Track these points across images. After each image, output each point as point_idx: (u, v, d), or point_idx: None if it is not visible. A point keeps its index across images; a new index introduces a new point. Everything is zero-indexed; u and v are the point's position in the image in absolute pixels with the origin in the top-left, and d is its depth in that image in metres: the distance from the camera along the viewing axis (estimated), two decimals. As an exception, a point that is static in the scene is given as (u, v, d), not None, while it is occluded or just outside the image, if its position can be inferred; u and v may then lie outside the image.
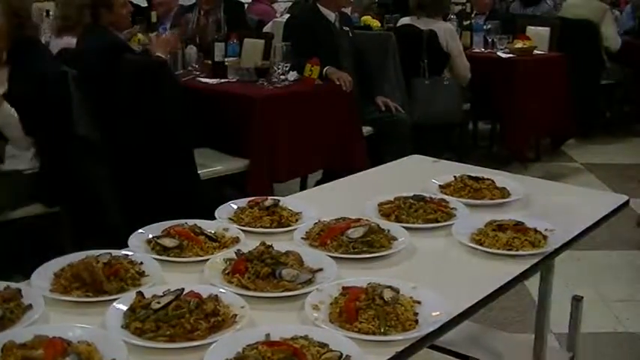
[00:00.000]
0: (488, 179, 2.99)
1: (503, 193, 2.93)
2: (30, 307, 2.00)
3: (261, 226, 2.60)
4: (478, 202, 2.85)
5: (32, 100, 4.36)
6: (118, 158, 4.73)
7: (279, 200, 2.76)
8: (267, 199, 2.75)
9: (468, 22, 8.33)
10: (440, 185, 2.98)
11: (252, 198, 2.79)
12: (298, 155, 5.57)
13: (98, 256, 2.22)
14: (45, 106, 4.38)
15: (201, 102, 5.54)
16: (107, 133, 4.66)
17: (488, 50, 7.78)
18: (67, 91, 4.51)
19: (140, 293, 2.01)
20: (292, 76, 5.80)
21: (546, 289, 3.13)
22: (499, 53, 7.54)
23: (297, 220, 2.66)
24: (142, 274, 2.21)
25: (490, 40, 7.82)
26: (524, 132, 7.46)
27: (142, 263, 2.26)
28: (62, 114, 4.47)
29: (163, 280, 2.19)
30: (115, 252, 2.29)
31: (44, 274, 2.19)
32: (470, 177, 3.00)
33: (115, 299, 2.03)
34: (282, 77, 5.71)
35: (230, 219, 2.67)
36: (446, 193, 2.90)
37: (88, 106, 4.57)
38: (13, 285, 2.08)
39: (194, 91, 5.69)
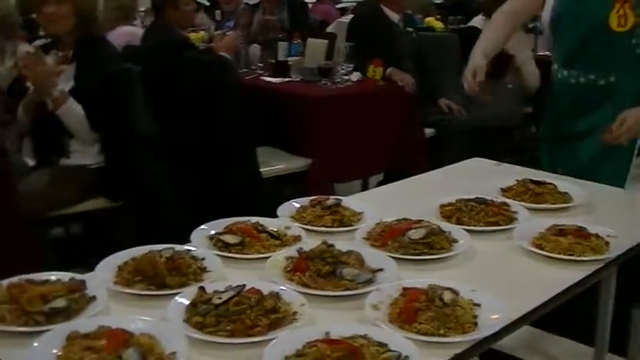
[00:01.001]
0: (550, 184, 2.97)
1: (565, 197, 2.91)
2: (94, 298, 2.03)
3: (323, 225, 2.61)
4: (539, 206, 2.84)
5: (97, 97, 4.41)
6: (180, 155, 4.77)
7: (341, 200, 2.77)
8: (329, 198, 2.76)
9: (533, 24, 8.25)
10: (501, 188, 2.97)
11: (315, 197, 2.80)
12: (359, 156, 5.57)
13: (161, 250, 2.25)
14: (109, 103, 4.43)
15: (263, 101, 5.56)
16: (169, 130, 4.70)
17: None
18: (131, 88, 4.56)
19: (202, 288, 2.03)
20: (355, 76, 5.80)
21: (607, 297, 3.11)
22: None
23: (358, 220, 2.67)
24: (203, 269, 2.23)
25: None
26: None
27: (203, 259, 2.28)
28: (126, 111, 4.52)
29: (224, 276, 2.21)
30: (177, 247, 2.31)
31: (108, 267, 2.23)
32: (532, 181, 2.99)
33: (176, 293, 2.06)
34: (345, 78, 5.72)
35: (292, 217, 2.68)
36: (507, 197, 2.89)
37: (151, 103, 4.61)
38: (78, 276, 2.12)
39: (257, 90, 5.71)
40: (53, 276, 2.12)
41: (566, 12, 3.42)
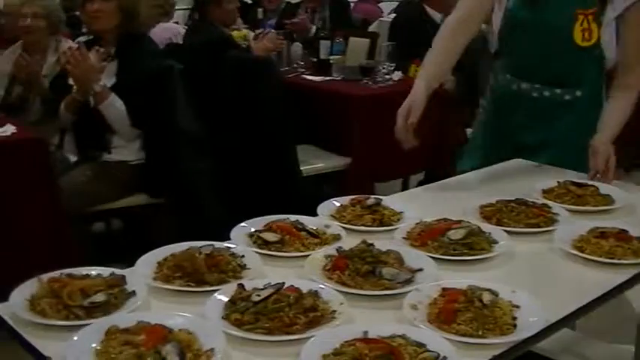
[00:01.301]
0: (591, 186, 2.95)
1: (607, 200, 2.89)
2: (133, 293, 2.04)
3: (363, 225, 2.61)
4: (580, 208, 2.82)
5: (138, 94, 4.45)
6: (221, 153, 4.78)
7: (381, 199, 2.77)
8: (369, 197, 2.76)
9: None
10: (542, 190, 2.95)
11: (355, 196, 2.80)
12: (399, 155, 5.54)
13: (201, 247, 2.26)
14: (151, 100, 4.47)
15: (304, 99, 5.57)
16: (211, 127, 4.72)
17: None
18: (173, 85, 4.59)
19: (241, 285, 2.03)
20: (397, 76, 5.80)
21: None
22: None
23: (398, 220, 2.66)
24: (243, 266, 2.24)
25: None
26: (626, 138, 7.29)
27: (243, 256, 2.29)
28: (167, 108, 4.55)
29: (263, 274, 2.21)
30: (217, 244, 2.32)
31: (148, 263, 2.24)
32: (573, 183, 2.97)
33: (214, 290, 2.06)
34: (387, 77, 5.72)
35: (332, 216, 2.68)
36: (548, 198, 2.87)
37: (193, 100, 4.64)
38: (118, 272, 2.13)
39: (298, 88, 5.72)
40: (94, 271, 2.14)
41: (525, 23, 3.20)
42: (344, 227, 2.56)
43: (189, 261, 2.16)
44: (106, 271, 2.14)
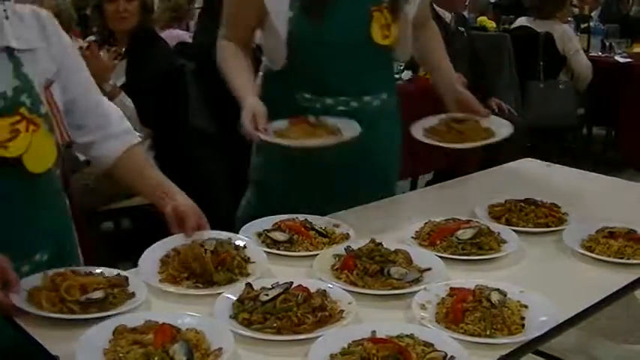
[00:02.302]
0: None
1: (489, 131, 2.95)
2: (133, 294, 2.05)
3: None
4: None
5: (149, 93, 4.45)
6: (232, 152, 4.78)
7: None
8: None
9: (586, 24, 8.20)
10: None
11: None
12: (410, 155, 5.54)
13: (203, 242, 2.27)
14: (161, 99, 4.47)
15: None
16: (222, 126, 4.72)
17: (606, 54, 7.64)
18: (184, 84, 4.59)
19: (249, 285, 2.04)
20: (406, 75, 5.79)
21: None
22: (617, 57, 7.40)
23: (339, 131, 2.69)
24: (247, 260, 2.25)
25: (608, 43, 7.68)
26: (640, 138, 7.31)
27: (245, 247, 2.31)
28: (178, 106, 4.56)
29: (268, 267, 2.23)
30: (217, 235, 2.34)
31: (150, 260, 2.25)
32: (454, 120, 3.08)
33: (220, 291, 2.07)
34: (397, 76, 5.70)
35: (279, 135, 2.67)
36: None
37: (204, 99, 4.64)
38: (124, 273, 2.13)
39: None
40: (100, 269, 2.15)
41: (315, 36, 2.81)
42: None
43: (197, 261, 2.16)
44: (112, 271, 2.15)
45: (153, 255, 2.28)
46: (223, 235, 2.37)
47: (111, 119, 2.50)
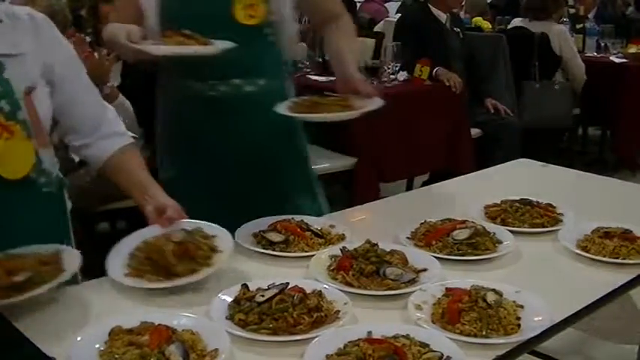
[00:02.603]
0: None
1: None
2: (62, 270, 2.03)
3: None
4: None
5: (144, 93, 4.45)
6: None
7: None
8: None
9: (581, 25, 8.20)
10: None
11: None
12: (406, 156, 5.56)
13: (172, 233, 2.25)
14: (153, 100, 4.47)
15: (310, 99, 5.57)
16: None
17: (601, 55, 7.64)
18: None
19: (245, 286, 2.04)
20: (402, 76, 5.80)
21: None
22: (612, 58, 7.41)
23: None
24: (214, 249, 2.23)
25: (603, 44, 7.69)
26: (635, 138, 7.30)
27: (214, 236, 2.28)
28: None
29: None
30: (189, 224, 2.31)
31: (121, 254, 2.25)
32: None
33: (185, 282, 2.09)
34: (392, 77, 5.71)
35: None
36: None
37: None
38: (61, 248, 2.15)
39: (303, 88, 5.71)
40: (37, 248, 2.13)
41: (181, 16, 2.75)
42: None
43: (159, 253, 2.15)
44: (50, 248, 2.13)
45: (124, 248, 2.27)
46: (197, 224, 2.34)
47: (105, 120, 2.50)
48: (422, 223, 2.56)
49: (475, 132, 6.16)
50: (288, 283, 2.02)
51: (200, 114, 2.90)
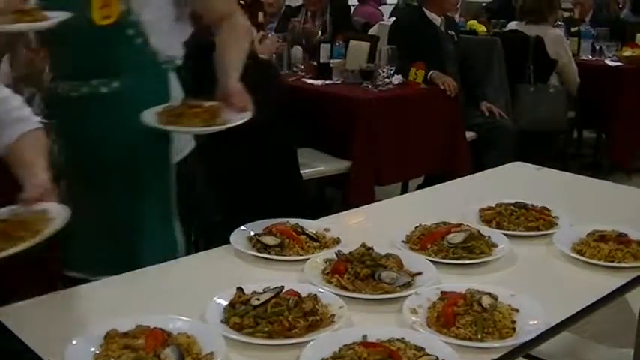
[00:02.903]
0: None
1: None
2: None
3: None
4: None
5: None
6: (219, 155, 4.78)
7: None
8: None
9: (576, 28, 8.20)
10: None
11: None
12: (401, 159, 5.56)
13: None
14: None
15: (305, 102, 5.57)
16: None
17: (596, 58, 7.65)
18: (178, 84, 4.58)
19: (240, 289, 2.03)
20: (397, 79, 5.80)
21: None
22: (607, 61, 7.41)
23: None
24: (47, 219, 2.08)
25: (598, 47, 7.70)
26: (630, 142, 7.31)
27: (45, 211, 2.11)
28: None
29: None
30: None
31: None
32: None
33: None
34: (387, 80, 5.72)
35: None
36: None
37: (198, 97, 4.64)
38: None
39: (298, 92, 5.72)
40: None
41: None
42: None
43: None
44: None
45: None
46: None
47: (7, 107, 2.38)
48: (417, 227, 2.56)
49: (470, 135, 6.16)
50: (283, 287, 2.02)
51: (66, 114, 2.77)
